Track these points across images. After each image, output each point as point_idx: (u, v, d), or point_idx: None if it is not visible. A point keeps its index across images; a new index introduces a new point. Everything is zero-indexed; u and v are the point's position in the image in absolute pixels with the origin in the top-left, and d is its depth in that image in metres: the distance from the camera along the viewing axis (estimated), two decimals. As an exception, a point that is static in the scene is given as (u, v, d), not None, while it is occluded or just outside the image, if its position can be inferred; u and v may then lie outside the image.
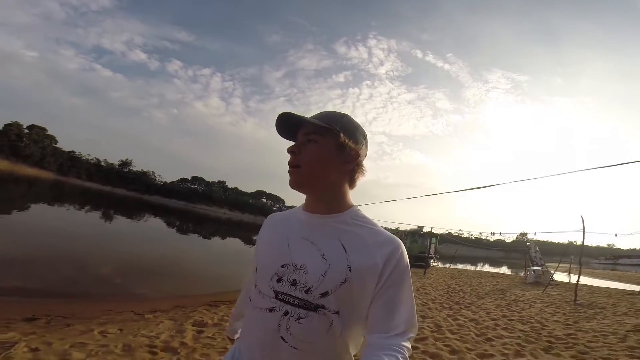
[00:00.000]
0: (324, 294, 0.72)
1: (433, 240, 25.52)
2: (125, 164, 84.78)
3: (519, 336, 4.59)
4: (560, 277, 15.96)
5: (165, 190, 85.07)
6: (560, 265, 15.16)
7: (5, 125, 69.45)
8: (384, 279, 0.74)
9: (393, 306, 0.74)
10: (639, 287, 11.78)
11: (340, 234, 0.77)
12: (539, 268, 13.71)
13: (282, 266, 0.77)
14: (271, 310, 0.76)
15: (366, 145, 0.84)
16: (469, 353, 3.69)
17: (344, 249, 0.75)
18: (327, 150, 0.78)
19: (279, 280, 0.76)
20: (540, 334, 4.80)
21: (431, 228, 26.24)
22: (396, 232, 28.73)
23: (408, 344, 0.73)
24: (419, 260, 19.38)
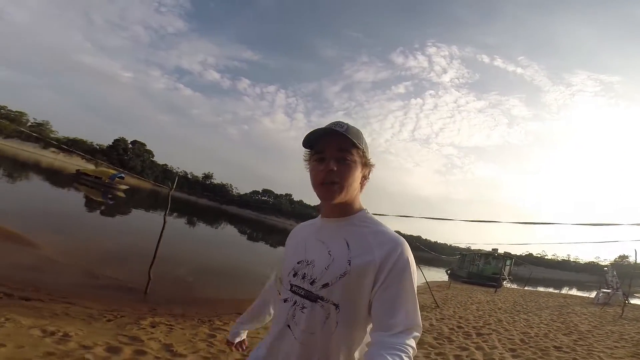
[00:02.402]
0: (325, 285, 0.84)
1: (508, 262, 26.96)
2: (207, 176, 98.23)
3: (552, 327, 7.64)
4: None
5: (240, 202, 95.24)
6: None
7: (114, 140, 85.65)
8: (383, 278, 0.81)
9: (393, 304, 0.80)
10: None
11: (347, 234, 0.90)
12: (609, 291, 15.26)
13: (298, 262, 0.94)
14: (285, 300, 0.92)
15: None
16: (515, 330, 6.94)
17: (348, 246, 0.87)
18: (357, 168, 0.89)
19: (295, 274, 0.93)
20: (568, 328, 7.76)
21: (503, 252, 27.53)
22: (467, 251, 30.45)
23: (413, 343, 0.78)
24: (491, 280, 21.55)
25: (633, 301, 16.31)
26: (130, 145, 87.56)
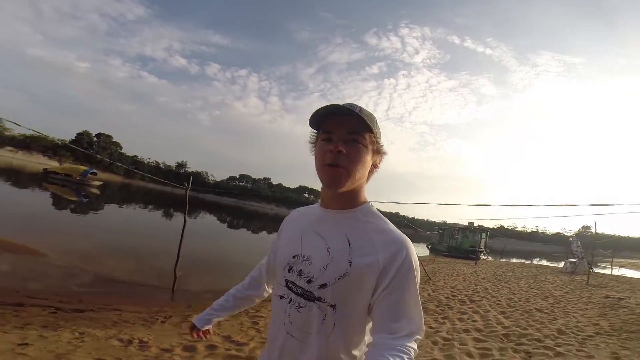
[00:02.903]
0: (323, 286, 0.81)
1: (483, 235, 28.92)
2: (180, 165, 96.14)
3: (532, 293, 8.73)
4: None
5: (218, 189, 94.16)
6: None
7: (77, 134, 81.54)
8: (386, 282, 0.78)
9: (397, 309, 0.78)
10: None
11: (348, 229, 0.84)
12: (575, 260, 17.03)
13: (294, 257, 0.88)
14: (281, 297, 0.89)
15: None
16: (501, 297, 7.93)
17: (349, 244, 0.82)
18: (368, 154, 0.84)
19: (290, 270, 0.88)
20: (544, 293, 8.89)
21: (476, 224, 29.42)
22: (446, 226, 32.21)
23: (414, 345, 0.78)
24: (470, 254, 23.17)
25: (597, 270, 18.23)
26: (95, 139, 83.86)
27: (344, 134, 0.81)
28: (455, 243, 28.31)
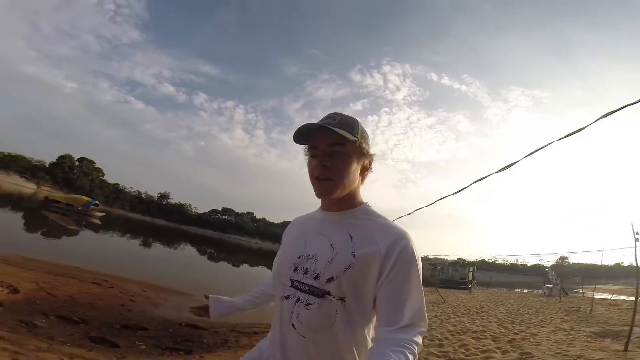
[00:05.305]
0: (330, 279, 0.86)
1: (471, 269, 32.97)
2: (163, 196, 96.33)
3: (520, 307, 12.38)
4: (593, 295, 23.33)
5: (201, 221, 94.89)
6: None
7: (59, 157, 79.51)
8: (388, 270, 0.83)
9: (398, 298, 0.82)
10: (613, 296, 18.92)
11: (349, 227, 0.92)
12: (551, 285, 21.09)
13: (298, 257, 0.94)
14: (287, 297, 0.92)
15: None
16: (497, 310, 11.48)
17: (351, 238, 0.88)
18: (352, 161, 0.91)
19: (295, 269, 0.93)
20: (529, 306, 12.56)
21: (461, 259, 33.95)
22: (437, 261, 36.10)
23: (418, 339, 0.80)
24: (461, 285, 26.94)
25: (570, 294, 22.34)
26: (77, 163, 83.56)
27: (326, 147, 0.89)
28: (447, 276, 32.16)
